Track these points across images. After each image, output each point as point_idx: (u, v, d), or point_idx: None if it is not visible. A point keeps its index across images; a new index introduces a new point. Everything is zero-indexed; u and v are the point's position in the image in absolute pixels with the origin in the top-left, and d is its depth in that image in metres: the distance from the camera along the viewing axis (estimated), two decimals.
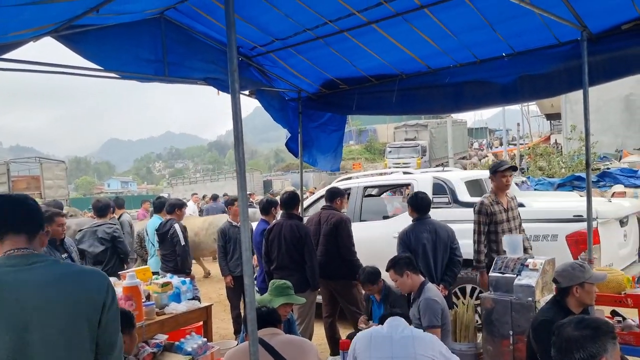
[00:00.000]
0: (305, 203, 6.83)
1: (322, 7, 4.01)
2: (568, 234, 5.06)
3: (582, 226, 4.78)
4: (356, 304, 5.25)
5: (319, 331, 5.66)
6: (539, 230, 5.25)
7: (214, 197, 16.47)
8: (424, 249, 4.68)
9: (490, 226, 4.79)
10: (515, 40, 4.26)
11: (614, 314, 4.28)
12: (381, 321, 3.24)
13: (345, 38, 4.47)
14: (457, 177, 6.30)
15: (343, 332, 5.48)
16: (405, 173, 7.39)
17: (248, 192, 24.02)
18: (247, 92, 5.32)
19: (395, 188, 7.63)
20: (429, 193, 5.98)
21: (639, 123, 18.46)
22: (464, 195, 5.96)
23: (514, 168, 5.03)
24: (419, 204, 4.87)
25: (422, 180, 6.28)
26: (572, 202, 6.25)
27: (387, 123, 43.71)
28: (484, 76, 4.64)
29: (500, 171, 4.84)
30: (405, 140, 33.46)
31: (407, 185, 6.65)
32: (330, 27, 4.32)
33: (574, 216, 5.15)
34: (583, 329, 2.06)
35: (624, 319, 4.19)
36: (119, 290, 4.27)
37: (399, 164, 27.70)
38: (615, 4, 3.61)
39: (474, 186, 6.77)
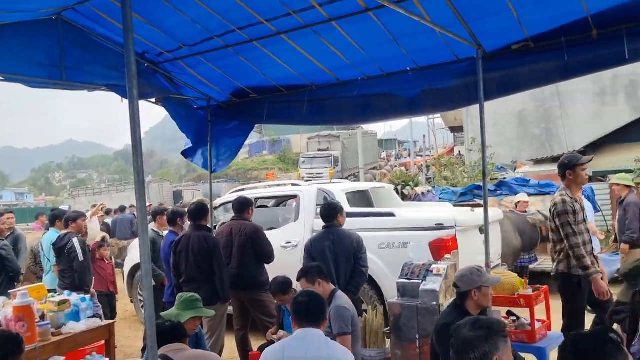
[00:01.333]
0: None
1: (230, 14, 3.97)
2: (430, 240, 5.43)
3: (442, 234, 5.49)
4: (269, 314, 5.20)
5: (231, 344, 5.54)
6: (406, 238, 5.62)
7: (122, 209, 15.75)
8: (324, 257, 4.70)
9: (576, 226, 4.33)
10: (419, 56, 4.46)
11: (510, 314, 4.56)
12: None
13: (255, 47, 4.45)
14: (339, 189, 6.69)
15: (255, 344, 5.41)
16: (293, 185, 7.84)
17: (160, 203, 22.91)
18: (153, 100, 5.14)
19: (283, 199, 7.83)
20: (313, 204, 6.32)
21: (531, 136, 20.04)
22: (344, 206, 6.18)
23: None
24: (323, 212, 4.97)
25: (308, 192, 6.66)
26: (435, 212, 6.72)
27: (300, 133, 44.10)
28: (390, 89, 4.81)
29: (580, 164, 4.47)
30: (319, 150, 33.96)
31: (294, 196, 6.88)
32: (239, 36, 4.28)
33: (436, 224, 5.62)
34: (477, 330, 2.17)
35: (518, 318, 4.49)
36: (8, 311, 3.94)
37: (312, 174, 28.04)
38: (506, 25, 3.88)
39: (360, 198, 7.18)
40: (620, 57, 3.68)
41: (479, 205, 7.82)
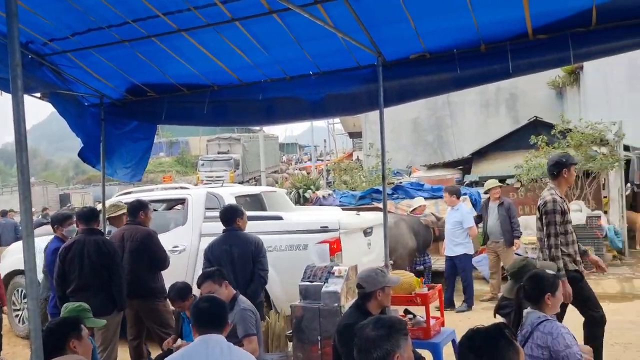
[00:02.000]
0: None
1: (124, 5, 3.75)
2: (315, 243, 5.52)
3: (327, 236, 5.59)
4: (164, 324, 4.98)
5: (124, 355, 5.24)
6: (293, 240, 5.78)
7: (3, 213, 14.31)
8: (223, 262, 4.60)
9: (562, 226, 4.33)
10: (321, 60, 4.51)
11: (407, 312, 4.74)
12: None
13: (153, 42, 4.26)
14: (228, 193, 6.65)
15: (154, 354, 5.15)
16: (182, 188, 7.66)
17: (44, 207, 21.01)
18: (38, 95, 4.73)
19: (172, 203, 7.61)
20: (202, 207, 6.27)
21: (425, 143, 21.18)
22: None
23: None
24: (222, 216, 4.88)
25: (197, 195, 6.58)
26: (321, 215, 6.96)
27: (200, 135, 43.01)
28: (294, 92, 4.83)
29: (574, 164, 4.58)
30: (219, 153, 33.31)
31: (183, 200, 6.73)
32: (135, 30, 4.06)
33: (321, 227, 5.78)
34: (379, 329, 2.22)
35: (415, 316, 4.68)
36: None
37: (212, 177, 27.41)
38: (405, 35, 4.05)
39: (253, 202, 7.21)
40: (505, 71, 3.97)
41: (376, 209, 8.13)
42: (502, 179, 11.85)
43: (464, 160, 14.46)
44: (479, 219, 8.04)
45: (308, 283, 4.49)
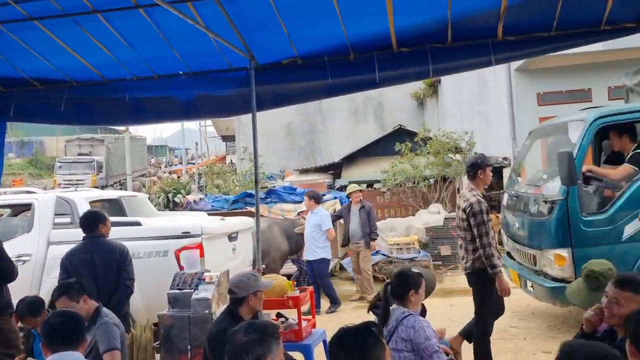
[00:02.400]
0: None
1: None
2: (176, 249, 5.47)
3: (188, 241, 5.48)
4: (8, 344, 4.45)
5: None
6: (152, 247, 5.59)
7: None
8: (82, 272, 4.26)
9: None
10: (192, 60, 4.38)
11: (279, 315, 4.77)
12: None
13: (0, 31, 3.82)
14: (81, 197, 6.29)
15: None
16: (28, 192, 7.09)
17: None
18: None
19: (17, 208, 6.97)
20: (50, 213, 5.87)
21: (298, 147, 21.58)
22: None
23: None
24: (82, 222, 4.54)
25: (44, 200, 6.16)
26: (183, 220, 6.85)
27: (57, 135, 39.49)
28: (164, 92, 4.64)
29: (490, 165, 4.82)
30: (79, 155, 30.84)
31: (28, 205, 6.23)
32: None
33: (182, 233, 5.65)
34: (251, 334, 2.19)
35: (287, 319, 4.72)
36: None
37: (71, 180, 25.31)
38: (278, 40, 4.07)
39: (112, 207, 6.88)
40: (372, 81, 4.16)
41: (250, 213, 8.08)
42: (370, 184, 12.48)
43: (334, 165, 14.96)
44: (337, 217, 8.40)
45: (177, 291, 4.33)
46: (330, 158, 18.24)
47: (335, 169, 14.65)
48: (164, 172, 32.60)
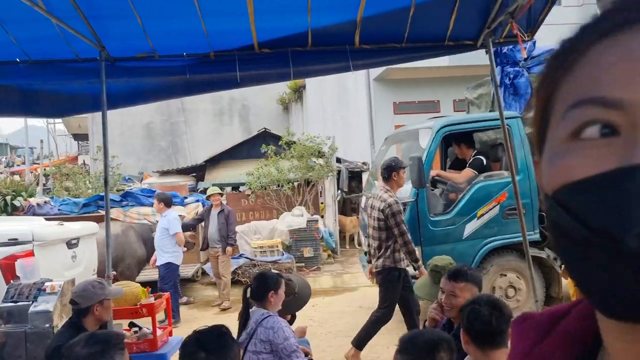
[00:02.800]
0: None
1: None
2: (2, 258, 4.97)
3: (16, 249, 4.99)
4: None
5: None
6: None
7: None
8: None
9: None
10: (31, 47, 3.94)
11: (132, 325, 4.48)
12: None
13: None
14: None
15: None
16: None
17: None
18: None
19: None
20: None
21: (158, 148, 20.61)
22: None
23: None
24: None
25: None
26: (12, 225, 6.16)
27: None
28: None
29: (403, 167, 5.01)
30: None
31: None
32: None
33: (9, 240, 5.11)
34: (92, 346, 2.02)
35: (141, 328, 4.44)
36: None
37: None
38: (133, 32, 3.81)
39: None
40: (233, 80, 4.10)
41: (100, 218, 7.48)
42: (235, 186, 12.33)
43: (198, 167, 14.56)
44: (198, 221, 8.18)
45: (11, 304, 3.85)
46: (193, 160, 17.72)
47: (198, 171, 14.25)
48: (1, 173, 29.16)
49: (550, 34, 2.66)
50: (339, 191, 10.96)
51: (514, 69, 6.45)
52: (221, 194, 8.29)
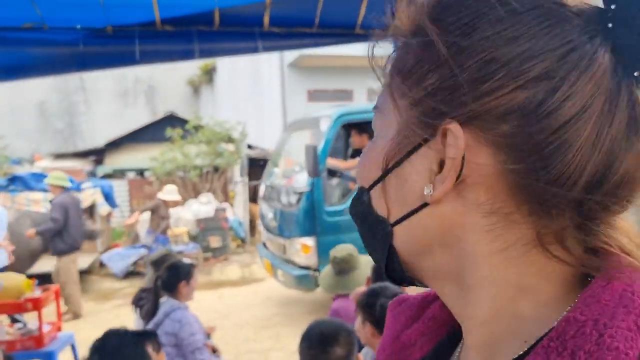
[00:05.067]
0: None
1: None
2: None
3: None
4: None
5: None
6: None
7: None
8: None
9: None
10: None
11: (15, 320, 4.12)
12: None
13: None
14: None
15: None
16: None
17: None
18: None
19: None
20: None
21: (53, 129, 19.14)
22: None
23: None
24: None
25: None
26: None
27: None
28: None
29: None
30: None
31: None
32: None
33: None
34: None
35: (25, 324, 4.08)
36: None
37: None
38: (18, 1, 3.44)
39: None
40: (132, 57, 3.82)
41: None
42: (140, 172, 11.74)
43: (97, 150, 13.70)
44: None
45: None
46: (93, 142, 16.65)
47: (97, 155, 13.40)
48: None
49: None
50: (241, 178, 10.75)
51: None
52: (62, 187, 6.64)
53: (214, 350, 3.59)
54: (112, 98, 19.60)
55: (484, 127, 0.41)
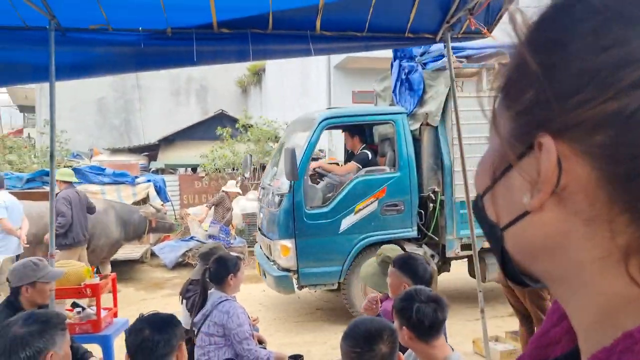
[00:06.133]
0: None
1: None
2: None
3: None
4: None
5: None
6: None
7: None
8: None
9: None
10: None
11: (75, 305, 4.36)
12: None
13: None
14: None
15: None
16: None
17: None
18: None
19: None
20: None
21: (110, 125, 19.95)
22: None
23: None
24: None
25: None
26: None
27: None
28: None
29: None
30: None
31: None
32: None
33: None
34: (31, 325, 1.95)
35: (84, 308, 4.33)
36: None
37: None
38: (86, 3, 3.66)
39: None
40: (190, 58, 3.99)
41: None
42: (194, 168, 12.11)
43: (151, 146, 14.21)
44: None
45: None
46: (147, 139, 17.26)
47: (151, 151, 13.90)
48: None
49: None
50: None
51: (409, 63, 6.28)
52: (68, 182, 6.81)
53: (260, 342, 3.71)
54: (166, 96, 20.26)
55: (578, 138, 0.41)
